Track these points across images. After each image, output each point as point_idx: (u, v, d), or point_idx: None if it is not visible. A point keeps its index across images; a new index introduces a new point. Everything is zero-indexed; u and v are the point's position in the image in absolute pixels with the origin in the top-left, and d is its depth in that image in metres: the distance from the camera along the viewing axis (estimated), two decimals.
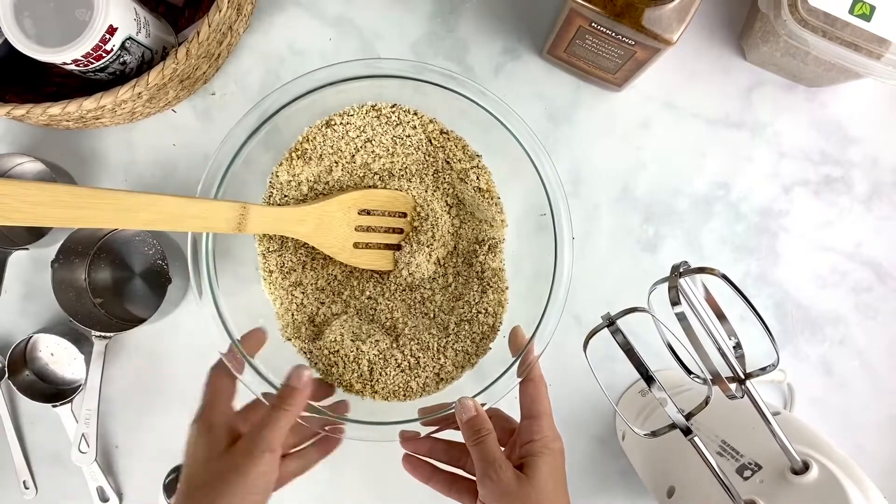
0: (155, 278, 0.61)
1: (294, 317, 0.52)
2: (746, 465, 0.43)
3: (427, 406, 0.49)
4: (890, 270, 0.61)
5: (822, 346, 0.61)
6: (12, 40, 0.49)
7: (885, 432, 0.61)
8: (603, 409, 0.60)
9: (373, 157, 0.53)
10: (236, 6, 0.56)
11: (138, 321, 0.59)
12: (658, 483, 0.50)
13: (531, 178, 0.49)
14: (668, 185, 0.61)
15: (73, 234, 0.57)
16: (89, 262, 0.60)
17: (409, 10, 0.61)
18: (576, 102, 0.61)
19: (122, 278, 0.61)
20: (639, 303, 0.39)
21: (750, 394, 0.39)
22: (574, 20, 0.50)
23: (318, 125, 0.52)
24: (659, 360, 0.50)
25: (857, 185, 0.61)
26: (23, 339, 0.59)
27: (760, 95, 0.61)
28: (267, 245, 0.52)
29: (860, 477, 0.38)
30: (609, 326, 0.37)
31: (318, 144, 0.52)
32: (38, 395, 0.59)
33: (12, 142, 0.61)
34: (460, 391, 0.49)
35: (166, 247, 0.58)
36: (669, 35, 0.47)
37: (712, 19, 0.61)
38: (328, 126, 0.52)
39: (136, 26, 0.52)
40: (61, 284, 0.57)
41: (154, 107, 0.58)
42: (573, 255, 0.48)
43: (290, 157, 0.51)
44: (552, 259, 0.48)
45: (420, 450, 0.47)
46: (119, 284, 0.61)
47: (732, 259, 0.61)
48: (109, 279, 0.61)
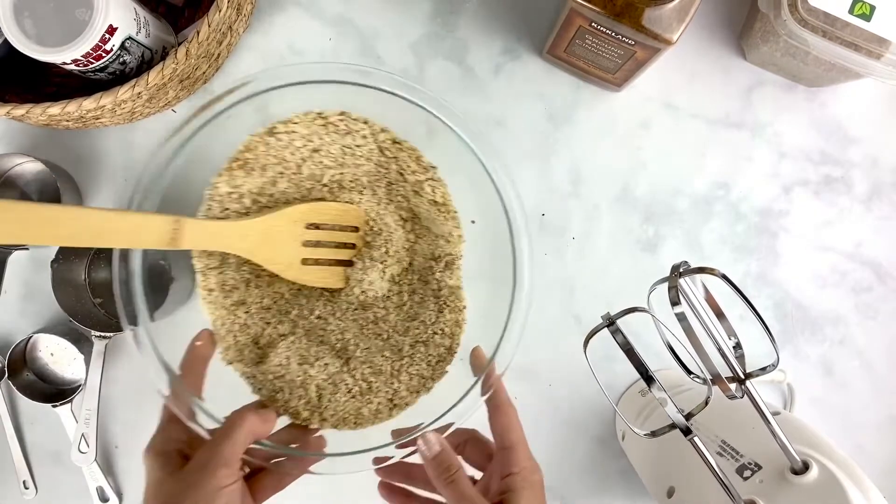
0: (156, 278, 0.61)
1: (237, 338, 0.48)
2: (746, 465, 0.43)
3: (400, 428, 0.46)
4: (890, 270, 0.61)
5: (822, 346, 0.61)
6: (12, 40, 0.49)
7: (885, 432, 0.61)
8: (603, 409, 0.60)
9: (321, 168, 0.49)
10: (236, 6, 0.56)
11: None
12: (658, 483, 0.50)
13: (490, 193, 0.46)
14: (668, 185, 0.61)
15: None
16: (89, 262, 0.60)
17: (409, 11, 0.61)
18: (576, 102, 0.61)
19: None
20: (639, 303, 0.39)
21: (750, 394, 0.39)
22: (574, 20, 0.50)
23: (260, 133, 0.47)
24: (659, 360, 0.50)
25: (857, 185, 0.61)
26: (23, 339, 0.59)
27: (760, 95, 0.61)
28: (206, 262, 0.47)
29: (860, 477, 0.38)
30: (609, 326, 0.37)
31: (261, 154, 0.47)
32: (37, 395, 0.59)
33: (12, 141, 0.61)
34: (414, 416, 0.46)
35: None
36: (669, 35, 0.47)
37: (712, 19, 0.61)
38: (271, 134, 0.47)
39: (135, 26, 0.52)
40: (61, 284, 0.57)
41: (154, 107, 0.58)
42: (533, 272, 0.45)
43: (231, 167, 0.47)
44: (511, 276, 0.45)
45: (395, 475, 0.45)
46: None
47: (732, 259, 0.61)
48: (109, 279, 0.61)
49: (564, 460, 0.60)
